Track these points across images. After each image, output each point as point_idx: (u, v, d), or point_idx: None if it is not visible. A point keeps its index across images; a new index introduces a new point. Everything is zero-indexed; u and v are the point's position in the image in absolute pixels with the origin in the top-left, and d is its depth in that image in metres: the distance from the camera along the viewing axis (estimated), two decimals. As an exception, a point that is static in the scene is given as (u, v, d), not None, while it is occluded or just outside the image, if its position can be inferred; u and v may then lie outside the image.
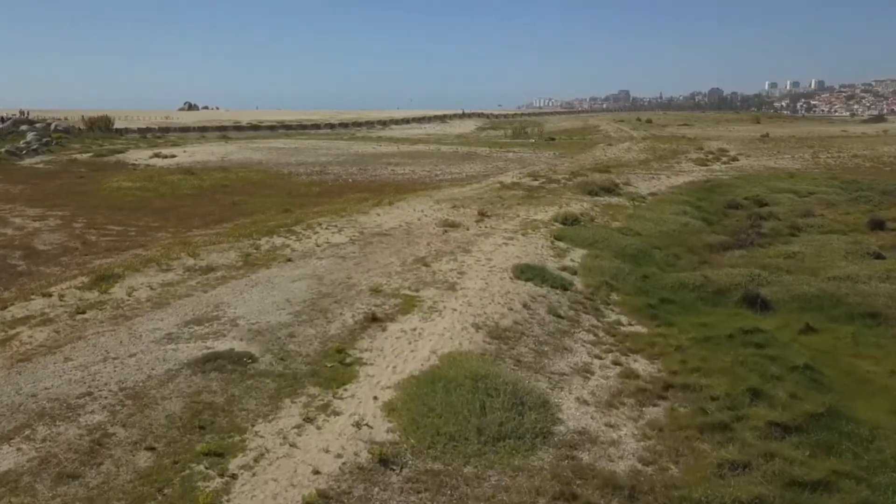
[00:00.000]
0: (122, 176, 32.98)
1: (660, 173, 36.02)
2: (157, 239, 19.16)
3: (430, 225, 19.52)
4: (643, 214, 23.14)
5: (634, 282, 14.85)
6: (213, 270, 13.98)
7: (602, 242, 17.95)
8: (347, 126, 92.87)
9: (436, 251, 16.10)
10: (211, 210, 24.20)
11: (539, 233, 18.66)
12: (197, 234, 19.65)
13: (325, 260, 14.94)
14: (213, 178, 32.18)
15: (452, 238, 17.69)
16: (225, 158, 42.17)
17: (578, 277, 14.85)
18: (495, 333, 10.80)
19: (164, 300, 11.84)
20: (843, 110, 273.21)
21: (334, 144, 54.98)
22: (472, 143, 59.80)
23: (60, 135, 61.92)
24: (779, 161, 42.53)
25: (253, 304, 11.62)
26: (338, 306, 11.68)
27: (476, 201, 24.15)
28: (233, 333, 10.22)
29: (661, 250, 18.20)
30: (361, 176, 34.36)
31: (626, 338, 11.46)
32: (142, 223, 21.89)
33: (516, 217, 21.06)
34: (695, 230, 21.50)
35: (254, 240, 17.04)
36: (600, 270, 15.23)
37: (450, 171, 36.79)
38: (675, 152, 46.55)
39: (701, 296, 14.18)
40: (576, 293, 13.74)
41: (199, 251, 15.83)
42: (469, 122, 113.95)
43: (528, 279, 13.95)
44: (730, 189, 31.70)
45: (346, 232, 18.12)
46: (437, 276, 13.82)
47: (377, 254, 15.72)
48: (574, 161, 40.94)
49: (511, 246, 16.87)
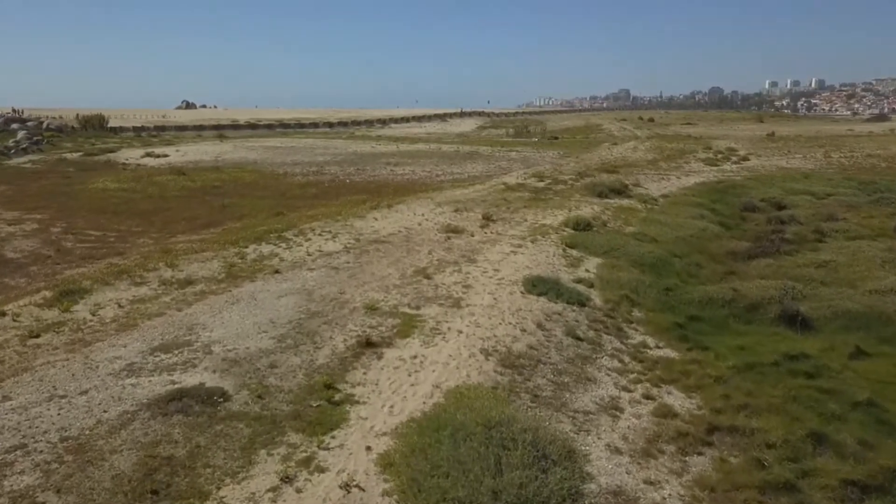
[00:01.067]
0: (110, 176, 31.58)
1: (669, 174, 34.63)
2: (137, 245, 17.78)
3: (431, 231, 18.14)
4: (657, 218, 21.76)
5: (657, 296, 13.48)
6: (191, 284, 12.59)
7: (618, 250, 16.57)
8: (347, 125, 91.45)
9: (438, 261, 14.72)
10: (199, 213, 22.82)
11: (549, 239, 17.27)
12: (181, 239, 18.26)
13: (316, 271, 13.55)
14: (204, 179, 30.79)
15: (456, 246, 16.30)
16: (219, 158, 40.77)
17: (596, 291, 13.47)
18: (508, 361, 9.43)
19: (131, 321, 10.46)
20: (844, 109, 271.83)
21: (332, 143, 53.57)
22: (474, 142, 58.38)
23: (53, 133, 60.57)
24: (791, 161, 41.12)
25: (232, 326, 10.24)
26: (328, 328, 10.29)
27: (480, 204, 22.77)
28: (205, 363, 8.83)
29: (681, 258, 16.83)
30: (359, 176, 32.97)
31: (655, 364, 10.09)
32: (123, 227, 20.52)
33: (524, 221, 19.67)
34: (714, 235, 20.12)
35: (240, 247, 15.65)
36: (619, 283, 13.86)
37: (451, 171, 35.41)
38: (683, 152, 45.13)
39: (732, 312, 12.80)
40: (594, 310, 12.36)
41: (179, 261, 14.44)
42: (470, 120, 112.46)
43: (540, 293, 12.58)
44: (744, 190, 30.33)
45: (341, 239, 16.74)
46: (440, 291, 12.43)
47: (374, 264, 14.33)
48: (579, 161, 39.54)
49: (520, 255, 15.49)
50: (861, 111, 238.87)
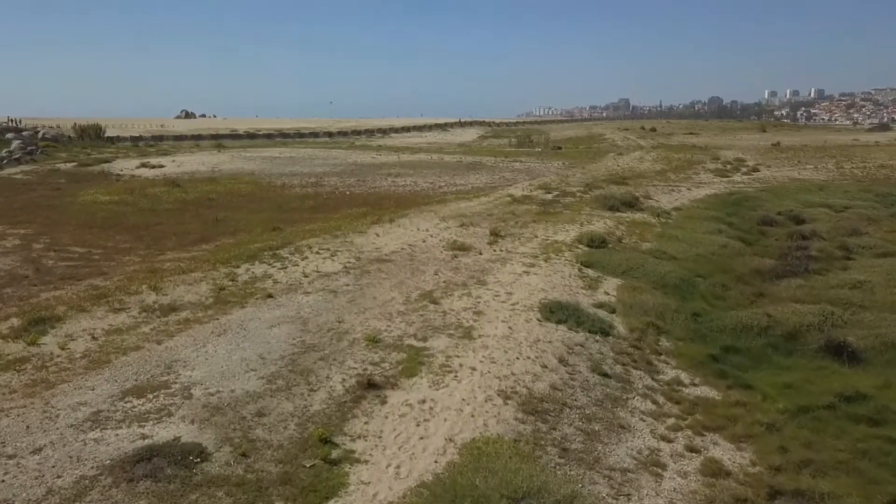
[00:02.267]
0: (102, 188, 30.47)
1: (679, 185, 33.60)
2: (122, 264, 16.62)
3: (436, 248, 17.02)
4: (674, 233, 20.65)
5: (685, 322, 12.35)
6: (175, 311, 11.45)
7: (637, 270, 15.45)
8: (347, 134, 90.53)
9: (445, 283, 13.58)
10: (191, 228, 21.69)
11: (563, 258, 16.15)
12: (169, 257, 17.12)
13: (312, 296, 12.41)
14: (199, 191, 29.68)
15: (463, 265, 15.18)
16: (215, 169, 39.68)
17: (618, 317, 12.33)
18: (529, 405, 8.28)
19: (103, 356, 9.31)
20: (844, 118, 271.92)
21: (331, 154, 52.55)
22: (476, 152, 57.38)
23: (48, 143, 59.46)
24: (802, 172, 40.11)
25: (216, 363, 9.09)
26: (324, 365, 9.14)
27: (486, 218, 21.67)
28: (183, 410, 7.68)
29: (704, 279, 15.70)
30: (359, 188, 31.88)
31: (694, 406, 8.93)
32: (110, 244, 19.37)
33: (534, 237, 18.55)
34: (735, 252, 19.00)
35: (231, 267, 14.52)
36: (642, 307, 12.72)
37: (454, 182, 34.33)
38: (691, 162, 44.12)
39: (770, 342, 11.66)
40: (619, 339, 11.22)
41: (165, 283, 13.31)
42: (471, 130, 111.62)
43: (559, 321, 11.44)
44: (758, 203, 29.28)
45: (340, 257, 15.61)
46: (449, 318, 11.29)
47: (375, 287, 13.19)
48: (586, 171, 38.49)
49: (533, 275, 14.35)
50: (861, 120, 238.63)
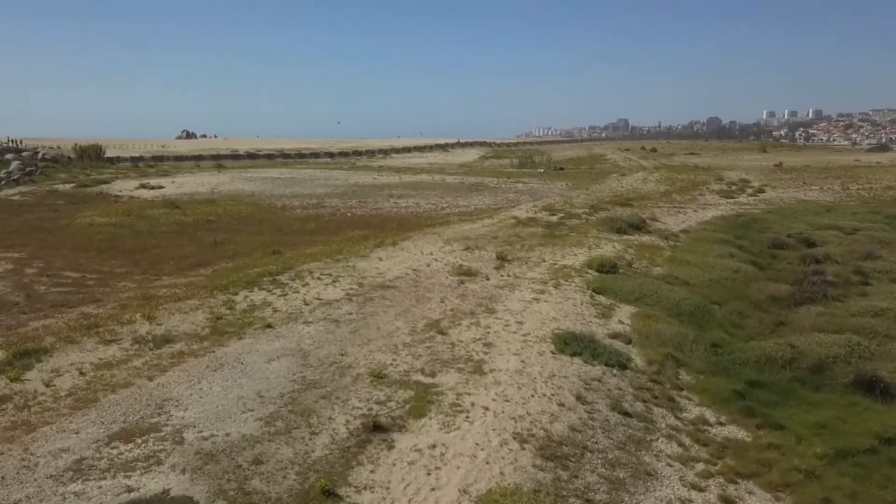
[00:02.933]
0: (99, 210, 30.00)
1: (685, 207, 33.16)
2: (117, 290, 16.06)
3: (441, 273, 16.47)
4: (684, 257, 20.12)
5: (705, 354, 11.76)
6: (169, 342, 10.87)
7: (651, 297, 14.89)
8: (347, 155, 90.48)
9: (452, 311, 13.01)
10: (189, 251, 21.16)
11: (573, 283, 15.60)
12: (166, 283, 16.58)
13: (313, 326, 11.83)
14: (198, 212, 29.21)
15: (471, 291, 14.62)
16: (215, 190, 39.28)
17: (635, 348, 11.75)
18: (548, 450, 7.67)
19: (91, 394, 8.71)
20: (842, 139, 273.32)
21: (332, 174, 52.25)
22: (478, 172, 57.13)
23: (47, 164, 59.15)
24: (808, 193, 39.74)
25: (211, 402, 8.49)
26: (327, 404, 8.54)
27: (491, 241, 21.15)
28: (173, 458, 7.07)
29: (720, 306, 15.13)
30: (361, 209, 31.44)
31: (723, 449, 8.32)
32: (105, 268, 18.82)
33: (542, 262, 18.01)
34: (749, 277, 18.45)
35: (229, 294, 13.97)
36: (659, 337, 12.14)
37: (457, 203, 33.91)
38: (695, 183, 43.77)
39: (796, 375, 11.06)
40: (637, 373, 10.62)
41: (160, 311, 12.74)
42: (471, 150, 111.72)
43: (574, 353, 10.86)
44: (766, 225, 28.82)
45: (342, 283, 15.05)
46: (458, 351, 10.71)
47: (379, 315, 12.62)
48: (589, 193, 38.11)
49: (543, 302, 13.79)
50: (859, 141, 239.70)
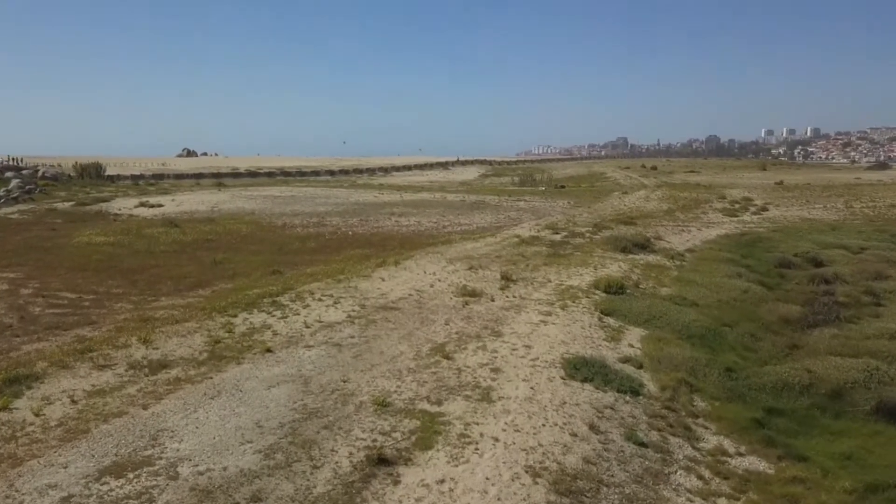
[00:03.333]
0: (98, 228, 29.74)
1: (689, 225, 32.92)
2: (113, 312, 15.69)
3: (445, 293, 16.13)
4: (691, 277, 19.79)
5: (719, 379, 11.37)
6: (165, 368, 10.49)
7: (660, 318, 14.53)
8: (348, 173, 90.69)
9: (457, 334, 12.64)
10: (188, 271, 20.83)
11: (580, 305, 15.25)
12: (164, 304, 16.22)
13: (315, 350, 11.46)
14: (197, 231, 28.94)
15: (476, 313, 14.26)
16: (215, 208, 39.10)
17: (646, 373, 11.37)
18: (562, 484, 7.27)
19: (82, 424, 8.32)
20: (841, 157, 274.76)
21: (333, 192, 52.12)
22: (479, 190, 57.04)
23: (47, 182, 59.24)
24: (812, 211, 39.52)
25: (208, 433, 8.10)
26: (329, 435, 8.15)
27: (495, 260, 20.84)
28: (167, 495, 6.67)
29: (731, 328, 14.76)
30: (362, 228, 31.18)
31: (745, 483, 7.91)
32: (102, 289, 18.47)
33: (547, 282, 17.67)
34: (758, 298, 18.09)
35: (228, 316, 13.61)
36: (671, 361, 11.77)
37: (459, 221, 33.68)
38: (698, 201, 43.60)
39: (814, 402, 10.67)
40: (650, 399, 10.24)
41: (156, 334, 12.38)
42: (472, 168, 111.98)
43: (585, 379, 10.48)
44: (771, 244, 28.52)
45: (344, 305, 14.70)
46: (465, 377, 10.32)
47: (383, 339, 12.25)
48: (592, 211, 37.90)
49: (551, 325, 13.43)
50: (858, 159, 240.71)
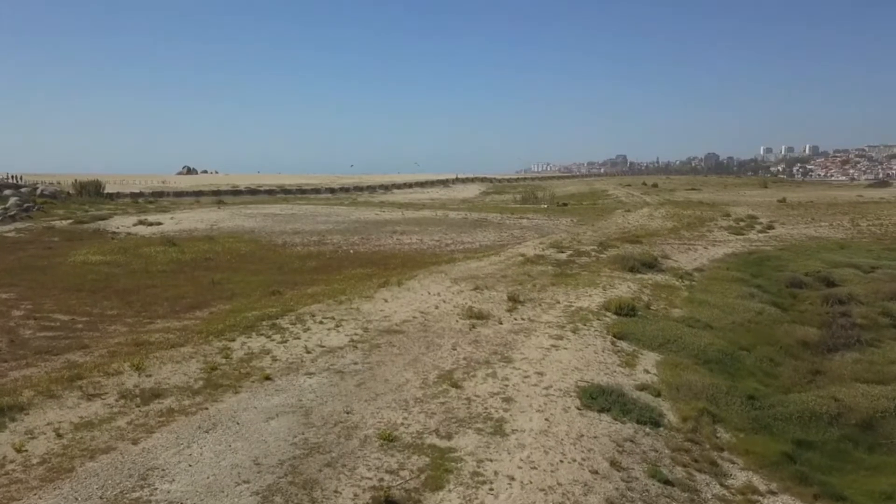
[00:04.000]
0: (94, 247, 29.25)
1: (695, 243, 32.43)
2: (107, 335, 15.13)
3: (451, 315, 15.58)
4: (703, 298, 19.25)
5: (741, 408, 10.80)
6: (158, 397, 9.92)
7: (675, 342, 13.97)
8: (348, 190, 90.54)
9: (465, 360, 12.08)
10: (185, 291, 20.30)
11: (591, 327, 14.69)
12: (159, 327, 15.67)
13: (316, 378, 10.89)
14: (195, 250, 28.45)
15: (483, 337, 13.70)
16: (214, 227, 38.65)
17: (665, 402, 10.79)
18: (585, 530, 6.68)
19: (66, 461, 7.74)
20: (840, 174, 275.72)
21: (334, 210, 51.73)
22: (481, 208, 56.67)
23: (46, 199, 58.87)
24: (818, 229, 39.04)
25: (202, 471, 7.51)
26: (332, 473, 7.57)
27: (501, 280, 20.31)
28: (154, 545, 6.08)
29: (749, 352, 14.20)
30: (364, 246, 30.70)
31: (782, 526, 7.32)
32: (97, 310, 17.93)
33: (556, 303, 17.13)
34: (772, 319, 17.54)
35: (226, 340, 13.06)
36: (690, 389, 11.19)
37: (461, 240, 33.21)
38: (703, 219, 43.17)
39: (845, 433, 10.09)
40: (672, 431, 9.65)
41: (150, 360, 11.82)
42: (472, 186, 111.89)
43: (602, 409, 9.91)
44: (780, 262, 27.98)
45: (346, 328, 14.15)
46: (475, 407, 9.75)
47: (387, 365, 11.68)
48: (596, 229, 37.44)
49: (563, 350, 12.86)
50: (857, 176, 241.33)
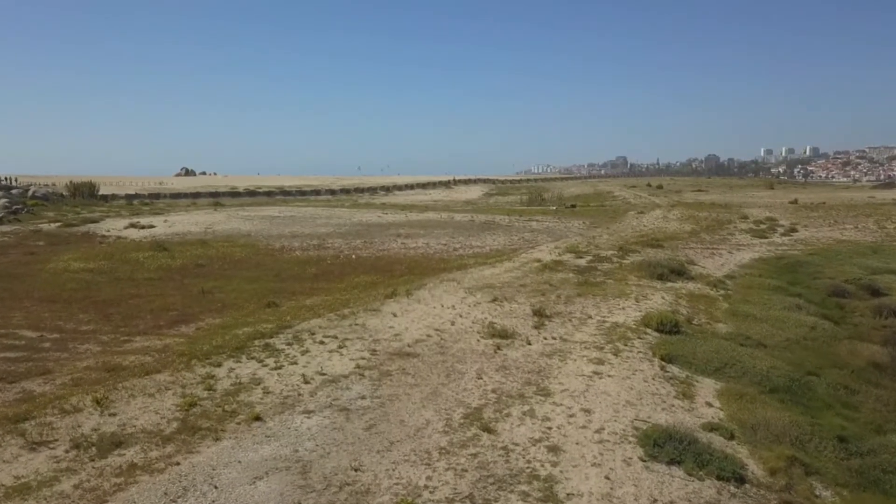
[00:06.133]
0: (79, 252, 27.28)
1: (718, 247, 30.49)
2: (75, 356, 13.15)
3: (471, 334, 13.62)
4: (746, 310, 17.30)
5: (835, 454, 8.85)
6: (119, 446, 7.96)
7: (732, 366, 12.02)
8: (349, 192, 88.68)
9: (495, 393, 10.12)
10: (171, 302, 18.35)
11: (634, 348, 12.73)
12: (137, 346, 13.70)
13: (316, 418, 8.93)
14: (187, 255, 26.49)
15: (512, 361, 11.74)
16: (209, 230, 36.68)
17: (742, 447, 8.83)
18: None
19: (-18, 550, 5.80)
20: (841, 176, 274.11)
21: (335, 212, 49.76)
22: (486, 210, 54.70)
23: (37, 201, 57.03)
24: (844, 232, 37.10)
25: (161, 566, 5.56)
26: (338, 569, 5.62)
27: (520, 290, 18.36)
28: None
29: (818, 377, 12.25)
30: (367, 251, 28.74)
31: None
32: (70, 325, 15.97)
33: (587, 318, 15.17)
34: (829, 336, 15.60)
35: (210, 366, 11.11)
36: (768, 429, 9.24)
37: (470, 243, 31.23)
38: (720, 222, 41.22)
39: (974, 490, 8.13)
40: (760, 489, 7.70)
41: (118, 391, 9.87)
42: (475, 187, 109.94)
43: (672, 461, 7.96)
44: (813, 268, 26.05)
45: (351, 349, 12.19)
46: (515, 461, 7.79)
47: (402, 400, 9.72)
48: (611, 232, 35.49)
49: (607, 378, 10.90)
50: (858, 178, 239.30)
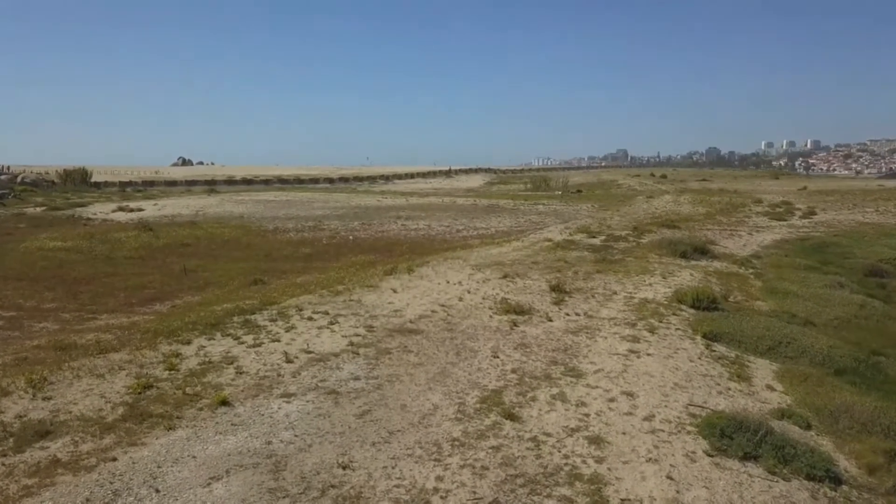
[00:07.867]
0: (58, 233, 25.58)
1: (737, 229, 28.74)
2: (28, 335, 11.47)
3: (482, 309, 11.91)
4: (785, 288, 15.59)
5: (937, 446, 7.16)
6: (45, 437, 6.27)
7: (788, 345, 10.31)
8: (348, 181, 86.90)
9: (515, 373, 8.40)
10: (149, 280, 16.67)
11: (671, 325, 11.01)
12: (100, 324, 12.00)
13: (297, 402, 7.22)
14: (172, 236, 24.77)
15: (533, 339, 10.02)
16: (199, 212, 34.94)
17: (823, 438, 7.14)
18: None
19: None
20: (842, 168, 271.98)
21: (332, 197, 48.01)
22: (489, 196, 52.93)
23: (26, 187, 55.46)
24: (866, 215, 35.33)
25: None
26: None
27: (532, 267, 16.65)
28: None
29: (886, 357, 10.57)
30: (365, 232, 27.03)
31: None
32: (31, 303, 14.30)
33: (612, 294, 13.45)
34: (881, 314, 13.91)
35: (178, 343, 9.40)
36: (852, 417, 7.54)
37: (474, 225, 29.50)
38: (735, 206, 39.46)
39: None
40: (862, 491, 6.01)
41: (62, 372, 8.17)
42: (476, 176, 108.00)
43: (746, 456, 6.26)
44: (842, 248, 24.32)
45: (344, 326, 10.48)
46: (548, 455, 6.08)
47: (403, 381, 8.01)
48: (623, 215, 33.75)
49: (646, 357, 9.19)
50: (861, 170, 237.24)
